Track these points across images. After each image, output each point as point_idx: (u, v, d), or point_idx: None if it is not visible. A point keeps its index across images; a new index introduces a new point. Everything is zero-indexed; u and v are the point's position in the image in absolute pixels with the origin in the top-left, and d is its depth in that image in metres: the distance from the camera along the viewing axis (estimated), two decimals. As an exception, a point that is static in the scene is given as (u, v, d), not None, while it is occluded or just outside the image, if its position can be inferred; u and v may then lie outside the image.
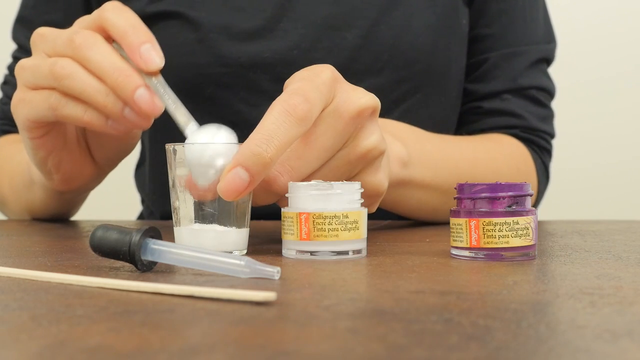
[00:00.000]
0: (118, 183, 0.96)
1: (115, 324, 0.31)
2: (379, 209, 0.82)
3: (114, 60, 0.52)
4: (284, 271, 0.44)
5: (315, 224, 0.48)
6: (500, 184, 0.48)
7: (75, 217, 0.84)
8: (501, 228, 0.47)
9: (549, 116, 0.89)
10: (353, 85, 0.52)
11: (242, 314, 0.32)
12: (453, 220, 0.49)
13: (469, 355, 0.26)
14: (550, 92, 0.89)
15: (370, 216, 0.53)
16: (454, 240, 0.49)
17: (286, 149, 0.46)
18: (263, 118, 0.47)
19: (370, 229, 0.53)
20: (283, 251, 0.50)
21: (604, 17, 1.69)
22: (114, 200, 1.44)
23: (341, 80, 0.52)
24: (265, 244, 0.56)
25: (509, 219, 0.47)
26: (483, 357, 0.26)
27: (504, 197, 0.47)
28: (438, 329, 0.29)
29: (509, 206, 0.47)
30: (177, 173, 0.50)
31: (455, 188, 0.49)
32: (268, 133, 0.46)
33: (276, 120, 0.46)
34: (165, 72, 0.52)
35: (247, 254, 0.51)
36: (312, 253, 0.48)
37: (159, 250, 0.42)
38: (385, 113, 0.80)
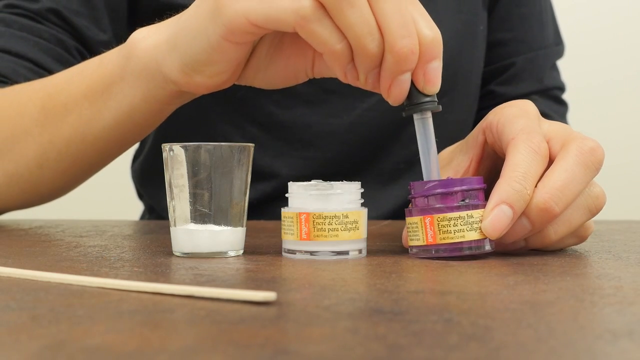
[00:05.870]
0: (119, 183, 0.95)
1: (115, 324, 0.31)
2: (375, 206, 0.82)
3: (408, 25, 0.47)
4: (284, 271, 0.44)
5: (315, 224, 0.48)
6: (452, 179, 0.48)
7: (75, 217, 0.84)
8: (456, 223, 0.47)
9: (565, 111, 0.94)
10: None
11: (242, 314, 0.32)
12: (408, 220, 0.49)
13: (469, 355, 0.26)
14: (564, 89, 0.94)
15: (370, 216, 0.53)
16: (411, 240, 0.49)
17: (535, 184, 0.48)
18: (512, 155, 0.48)
19: (370, 229, 0.53)
20: (283, 251, 0.50)
21: (604, 19, 1.69)
22: (115, 200, 1.44)
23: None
24: (265, 244, 0.56)
25: (463, 213, 0.47)
26: (483, 357, 0.26)
27: (456, 192, 0.47)
28: (438, 329, 0.29)
29: (462, 200, 0.47)
30: (174, 173, 0.50)
31: (409, 187, 0.49)
32: (524, 171, 0.47)
33: (526, 159, 0.48)
34: None
35: (246, 253, 0.51)
36: (312, 253, 0.48)
37: None
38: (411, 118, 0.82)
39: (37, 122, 0.66)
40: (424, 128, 0.50)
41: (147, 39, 0.58)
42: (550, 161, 0.49)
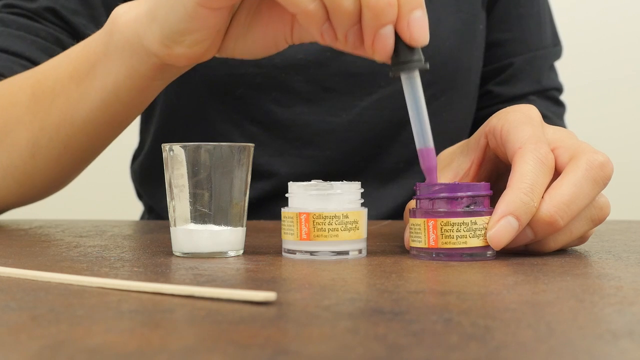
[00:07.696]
0: (119, 183, 0.95)
1: (115, 324, 0.31)
2: (375, 206, 0.82)
3: None
4: (284, 271, 0.44)
5: (315, 224, 0.48)
6: (458, 183, 0.48)
7: (75, 217, 0.84)
8: (459, 228, 0.47)
9: (563, 112, 0.94)
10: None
11: (242, 314, 0.32)
12: (412, 221, 0.49)
13: (469, 355, 0.26)
14: (562, 90, 0.94)
15: (370, 216, 0.53)
16: (413, 241, 0.49)
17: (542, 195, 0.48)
18: (520, 166, 0.48)
19: (370, 229, 0.53)
20: (283, 251, 0.50)
21: (602, 20, 1.69)
22: (115, 200, 1.44)
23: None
24: (265, 244, 0.56)
25: (467, 219, 0.47)
26: (483, 357, 0.26)
27: (462, 197, 0.47)
28: (438, 329, 0.29)
29: (467, 206, 0.47)
30: (174, 173, 0.50)
31: (415, 188, 0.49)
32: (532, 182, 0.47)
33: (534, 170, 0.47)
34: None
35: (246, 253, 0.51)
36: (312, 253, 0.48)
37: None
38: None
39: (28, 110, 0.67)
40: (412, 88, 0.49)
41: (128, 13, 0.59)
42: (556, 171, 0.49)
